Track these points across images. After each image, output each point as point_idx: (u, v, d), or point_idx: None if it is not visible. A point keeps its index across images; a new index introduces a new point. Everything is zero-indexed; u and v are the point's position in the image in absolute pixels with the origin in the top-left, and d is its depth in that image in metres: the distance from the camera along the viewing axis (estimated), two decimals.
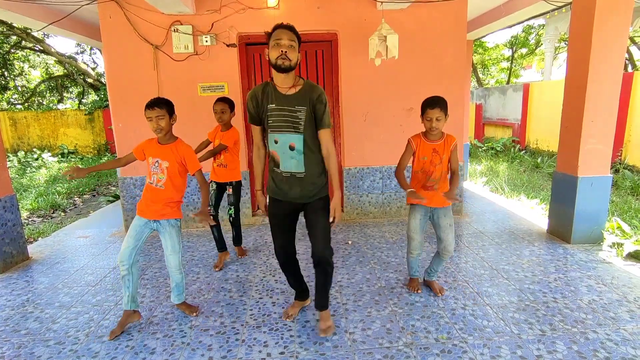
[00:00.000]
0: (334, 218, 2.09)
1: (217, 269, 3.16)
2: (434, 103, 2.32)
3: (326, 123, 2.03)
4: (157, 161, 2.27)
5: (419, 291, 2.67)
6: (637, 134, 6.63)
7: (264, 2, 3.89)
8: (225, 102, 3.06)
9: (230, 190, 3.18)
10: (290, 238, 2.23)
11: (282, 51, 1.87)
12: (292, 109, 1.97)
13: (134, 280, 2.29)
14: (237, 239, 3.38)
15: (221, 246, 3.25)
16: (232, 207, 3.19)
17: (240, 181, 3.22)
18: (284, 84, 1.98)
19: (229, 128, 3.12)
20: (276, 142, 2.02)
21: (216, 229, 3.20)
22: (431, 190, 2.44)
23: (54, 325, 2.41)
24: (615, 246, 3.28)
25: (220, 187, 3.19)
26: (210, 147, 3.19)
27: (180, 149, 2.29)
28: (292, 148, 2.01)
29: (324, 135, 2.05)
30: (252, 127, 2.15)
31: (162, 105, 2.22)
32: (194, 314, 2.46)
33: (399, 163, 2.50)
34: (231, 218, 3.23)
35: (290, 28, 1.91)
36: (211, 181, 3.17)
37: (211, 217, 2.27)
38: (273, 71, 1.96)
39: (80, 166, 2.12)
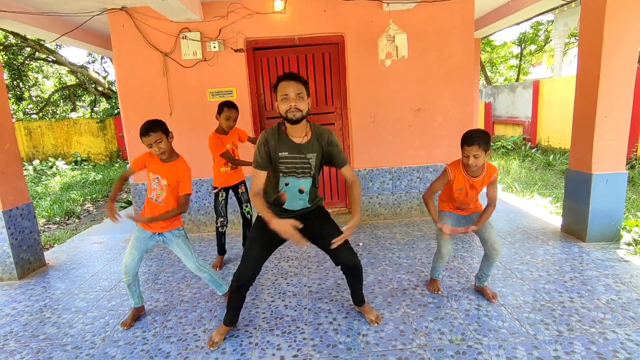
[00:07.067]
0: (341, 235, 2.02)
1: (217, 269, 3.29)
2: (472, 140, 2.14)
3: (345, 160, 2.13)
4: (157, 178, 2.31)
5: (440, 292, 2.65)
6: None
7: (270, 7, 3.92)
8: (237, 108, 3.10)
9: (243, 188, 3.33)
10: (264, 258, 2.15)
11: (290, 105, 1.89)
12: (304, 157, 2.02)
13: (138, 283, 2.52)
14: None
15: (223, 250, 3.40)
16: (249, 204, 3.35)
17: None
18: (296, 133, 2.00)
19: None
20: (287, 184, 2.08)
21: (224, 234, 3.33)
22: (464, 211, 2.50)
23: (71, 330, 2.46)
24: (633, 244, 3.20)
25: (227, 191, 3.25)
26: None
27: (179, 170, 2.31)
28: (301, 192, 2.10)
29: (347, 171, 2.14)
30: (255, 173, 2.04)
31: (156, 129, 2.19)
32: None
33: (430, 187, 2.43)
34: (249, 215, 3.35)
35: (294, 77, 1.91)
36: (220, 190, 3.19)
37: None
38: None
39: (122, 212, 2.23)
